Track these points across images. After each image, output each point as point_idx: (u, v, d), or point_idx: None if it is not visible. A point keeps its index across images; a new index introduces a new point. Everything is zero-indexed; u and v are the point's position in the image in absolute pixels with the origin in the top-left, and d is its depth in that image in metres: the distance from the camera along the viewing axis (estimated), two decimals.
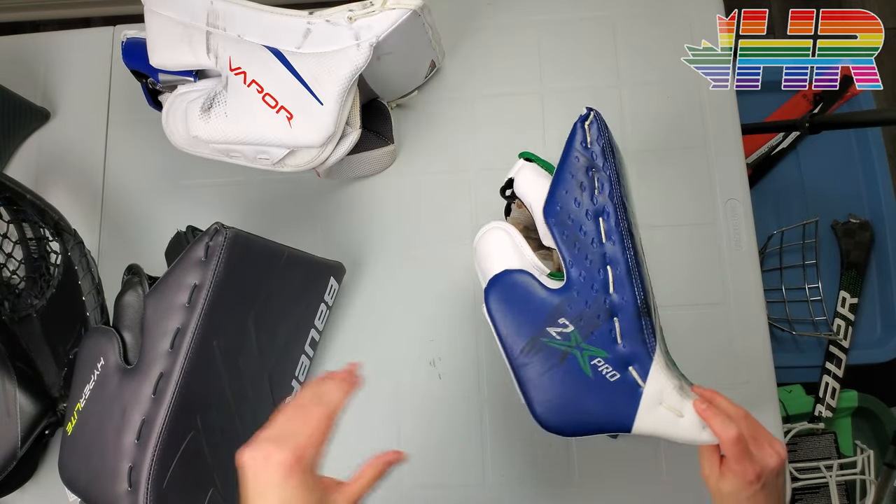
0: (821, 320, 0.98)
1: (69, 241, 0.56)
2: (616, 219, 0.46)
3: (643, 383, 0.44)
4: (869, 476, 0.95)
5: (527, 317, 0.46)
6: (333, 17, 0.54)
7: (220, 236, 0.50)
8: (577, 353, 0.45)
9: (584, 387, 0.45)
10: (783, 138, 1.07)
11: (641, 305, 0.45)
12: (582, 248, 0.46)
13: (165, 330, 0.50)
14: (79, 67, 0.74)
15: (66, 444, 0.51)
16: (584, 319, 0.45)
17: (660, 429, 0.44)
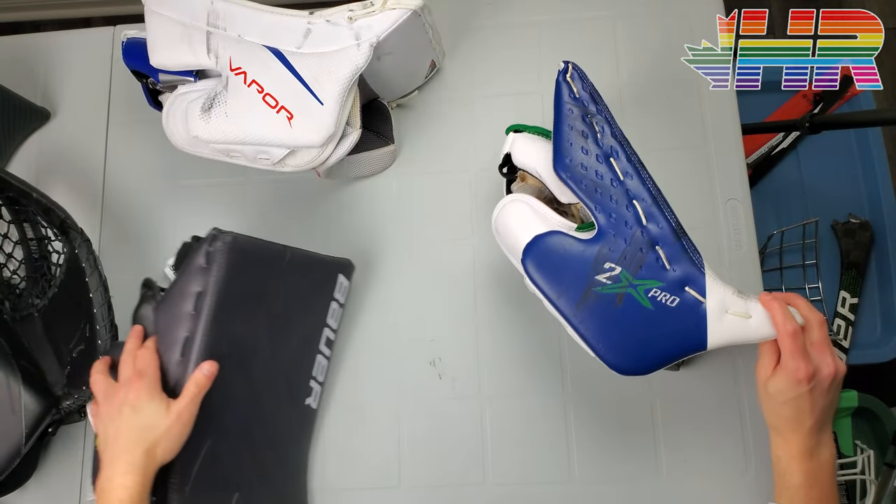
0: None
1: (76, 239, 0.56)
2: (626, 154, 0.47)
3: (704, 299, 0.45)
4: (869, 476, 0.95)
5: (572, 273, 0.47)
6: (334, 17, 0.54)
7: (218, 241, 0.50)
8: (632, 291, 0.46)
9: (649, 320, 0.45)
10: (783, 138, 1.08)
11: (677, 227, 0.46)
12: (604, 192, 0.47)
13: (175, 339, 0.50)
14: (79, 67, 0.74)
15: None
16: (629, 257, 0.46)
17: (733, 336, 0.45)
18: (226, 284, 0.50)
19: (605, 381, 0.61)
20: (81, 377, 0.56)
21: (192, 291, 0.50)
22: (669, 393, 0.61)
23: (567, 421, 0.61)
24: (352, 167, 0.66)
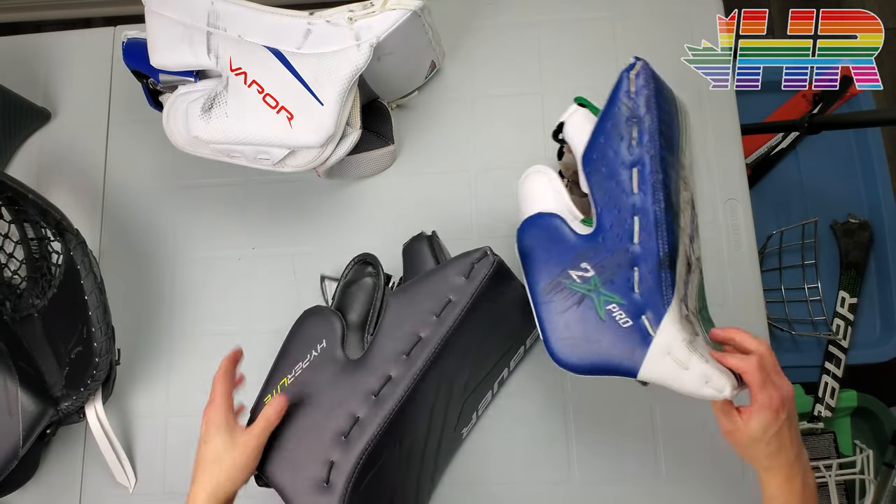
0: (820, 320, 0.98)
1: (71, 240, 0.56)
2: (650, 170, 0.46)
3: (654, 332, 0.45)
4: (868, 476, 0.95)
5: (553, 258, 0.48)
6: (334, 18, 0.54)
7: (487, 260, 0.50)
8: (593, 297, 0.47)
9: (598, 329, 0.46)
10: (783, 138, 1.08)
11: (664, 258, 0.45)
12: (612, 197, 0.47)
13: (406, 334, 0.49)
14: (80, 68, 0.74)
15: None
16: (606, 266, 0.47)
17: (665, 378, 0.45)
18: (476, 304, 0.49)
19: (605, 382, 0.61)
20: (80, 378, 0.56)
21: (443, 296, 0.49)
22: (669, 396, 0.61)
23: (567, 422, 0.61)
24: (352, 167, 0.66)
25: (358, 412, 0.48)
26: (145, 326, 0.67)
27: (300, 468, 0.47)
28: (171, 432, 0.64)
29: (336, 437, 0.47)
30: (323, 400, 0.49)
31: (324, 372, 0.49)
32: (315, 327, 0.51)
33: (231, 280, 0.67)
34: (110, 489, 0.63)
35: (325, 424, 0.48)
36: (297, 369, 0.50)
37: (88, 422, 0.60)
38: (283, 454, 0.48)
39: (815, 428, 0.97)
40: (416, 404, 0.49)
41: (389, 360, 0.49)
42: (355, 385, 0.48)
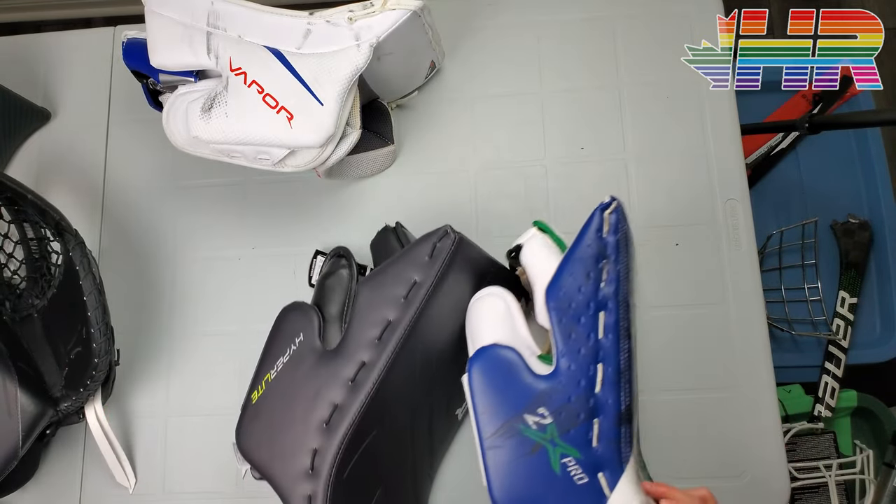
0: (820, 320, 0.98)
1: (70, 241, 0.56)
2: (617, 317, 0.44)
3: (609, 493, 0.43)
4: (868, 476, 0.95)
5: (507, 399, 0.45)
6: (333, 18, 0.54)
7: (448, 239, 0.50)
8: (549, 448, 0.44)
9: (550, 484, 0.43)
10: (783, 138, 1.08)
11: (625, 412, 0.44)
12: (577, 340, 0.45)
13: (376, 320, 0.49)
14: (80, 68, 0.74)
15: (249, 412, 0.51)
16: (565, 414, 0.44)
17: None
18: (442, 282, 0.49)
19: None
20: (79, 379, 0.56)
21: (408, 278, 0.49)
22: (670, 397, 0.61)
23: None
24: (352, 167, 0.66)
25: (336, 399, 0.48)
26: (145, 327, 0.67)
27: (287, 458, 0.48)
28: (170, 432, 0.64)
29: (318, 426, 0.48)
30: (304, 391, 0.49)
31: (303, 364, 0.50)
32: (293, 322, 0.52)
33: (231, 280, 0.67)
34: (110, 489, 0.63)
35: (307, 414, 0.49)
36: (279, 364, 0.51)
37: (88, 422, 0.60)
38: (271, 446, 0.49)
39: (815, 428, 0.97)
40: (394, 386, 0.49)
41: (363, 346, 0.49)
42: (333, 373, 0.49)
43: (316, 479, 0.47)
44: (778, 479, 0.59)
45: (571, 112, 0.68)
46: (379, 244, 0.58)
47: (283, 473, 0.48)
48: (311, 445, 0.48)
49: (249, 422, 0.51)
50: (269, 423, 0.50)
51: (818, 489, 0.97)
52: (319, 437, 0.48)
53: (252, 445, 0.50)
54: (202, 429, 0.64)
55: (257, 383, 0.52)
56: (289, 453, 0.48)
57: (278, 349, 0.52)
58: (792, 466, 0.95)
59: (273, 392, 0.50)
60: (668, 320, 0.63)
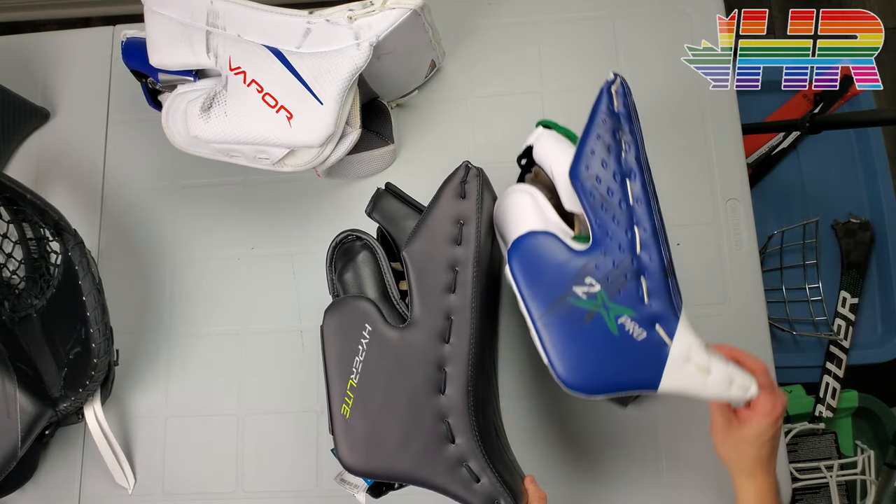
0: (821, 320, 0.98)
1: (69, 240, 0.56)
2: (643, 181, 0.46)
3: (670, 341, 0.44)
4: (869, 476, 0.95)
5: (552, 278, 0.46)
6: (333, 17, 0.54)
7: (473, 172, 0.51)
8: (603, 312, 0.45)
9: (610, 346, 0.45)
10: (783, 138, 1.07)
11: (668, 265, 0.45)
12: (609, 209, 0.46)
13: (442, 269, 0.48)
14: (79, 67, 0.74)
15: (346, 429, 0.47)
16: (612, 279, 0.45)
17: (687, 386, 0.44)
18: (482, 214, 0.49)
19: None
20: (78, 379, 0.56)
21: (455, 220, 0.49)
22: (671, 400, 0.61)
23: (571, 424, 0.61)
24: (352, 167, 0.66)
25: (441, 360, 0.47)
26: (144, 327, 0.67)
27: (420, 442, 0.46)
28: (169, 433, 0.64)
29: (435, 393, 0.46)
30: (404, 371, 0.47)
31: (387, 350, 0.48)
32: (348, 322, 0.49)
33: (230, 280, 0.67)
34: (109, 490, 0.63)
35: (418, 389, 0.47)
36: (356, 365, 0.48)
37: (87, 423, 0.60)
38: (400, 449, 0.46)
39: (816, 428, 0.97)
40: (480, 328, 0.49)
41: (441, 299, 0.48)
42: (423, 342, 0.47)
43: (462, 445, 0.45)
44: (779, 480, 0.59)
45: (571, 111, 0.68)
46: (383, 208, 0.56)
47: (424, 460, 0.46)
48: (439, 415, 0.46)
49: (353, 437, 0.47)
50: (377, 423, 0.47)
51: (819, 490, 0.96)
52: (442, 403, 0.46)
53: (370, 456, 0.47)
54: (202, 429, 0.64)
55: (340, 398, 0.48)
56: (421, 441, 0.46)
57: (347, 354, 0.48)
58: (793, 467, 0.95)
59: (367, 393, 0.47)
60: None
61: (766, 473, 0.46)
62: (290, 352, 0.65)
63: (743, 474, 0.46)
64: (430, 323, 0.48)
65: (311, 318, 0.65)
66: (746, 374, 0.44)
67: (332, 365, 0.49)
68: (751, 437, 0.44)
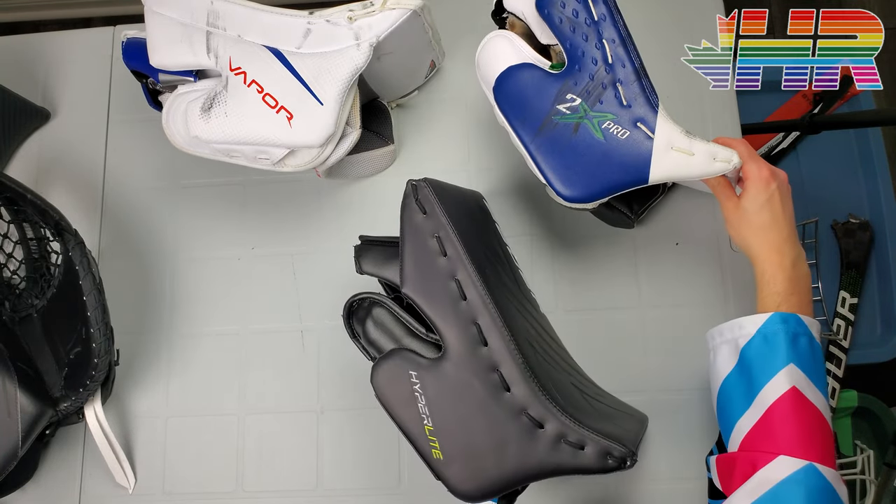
0: (821, 320, 0.97)
1: (70, 241, 0.56)
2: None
3: (652, 135, 0.48)
4: (869, 476, 0.95)
5: (536, 103, 0.51)
6: (333, 17, 0.54)
7: (422, 188, 0.51)
8: (587, 122, 0.50)
9: (600, 150, 0.49)
10: (783, 138, 1.08)
11: (640, 67, 0.49)
12: (578, 29, 0.50)
13: (445, 292, 0.49)
14: (79, 67, 0.74)
15: (446, 466, 0.48)
16: (590, 90, 0.50)
17: (674, 171, 0.48)
18: (451, 217, 0.50)
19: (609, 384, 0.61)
20: (79, 379, 0.56)
21: (430, 239, 0.50)
22: (671, 396, 0.61)
23: None
24: (352, 167, 0.66)
25: (493, 366, 0.47)
26: (144, 327, 0.67)
27: (520, 447, 0.47)
28: (170, 433, 0.64)
29: (500, 394, 0.47)
30: (464, 396, 0.48)
31: (439, 387, 0.49)
32: (393, 378, 0.50)
33: (231, 280, 0.67)
34: (110, 490, 0.63)
35: (486, 405, 0.47)
36: (423, 411, 0.49)
37: (87, 422, 0.60)
38: (500, 459, 0.47)
39: None
40: (509, 313, 0.49)
41: (460, 317, 0.48)
42: (465, 359, 0.48)
43: (551, 425, 0.46)
44: None
45: None
46: (368, 261, 0.57)
47: (525, 455, 0.46)
48: (516, 411, 0.47)
49: (457, 472, 0.48)
50: (469, 449, 0.48)
51: None
52: (513, 399, 0.47)
53: (480, 480, 0.47)
54: (202, 429, 0.64)
55: (428, 447, 0.49)
56: (509, 439, 0.47)
57: (410, 407, 0.49)
58: None
59: (445, 429, 0.48)
60: (668, 320, 0.63)
61: (778, 241, 0.47)
62: (290, 352, 0.65)
63: (753, 248, 0.48)
64: (461, 339, 0.48)
65: (311, 318, 0.65)
66: (727, 148, 0.47)
67: (404, 424, 0.49)
68: (748, 205, 0.48)
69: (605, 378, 0.59)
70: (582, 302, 0.64)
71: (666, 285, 0.63)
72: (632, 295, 0.63)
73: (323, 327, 0.65)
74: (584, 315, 0.63)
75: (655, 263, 0.64)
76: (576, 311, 0.63)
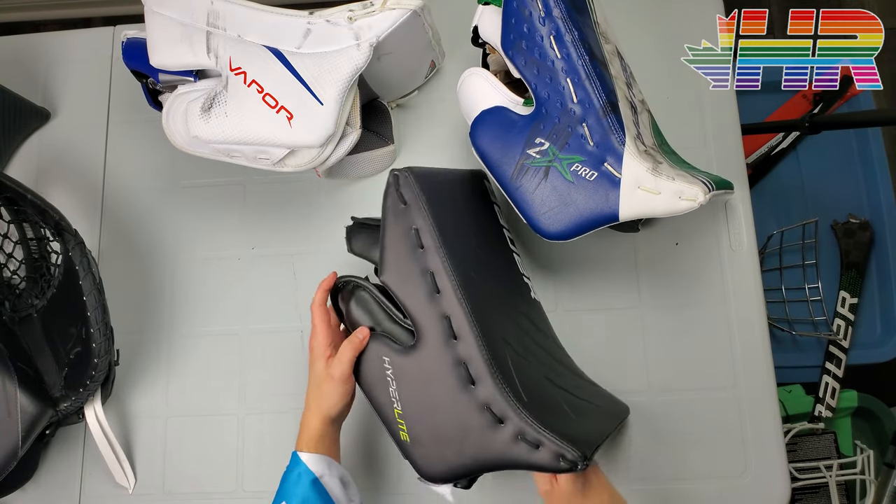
0: (821, 320, 0.98)
1: (70, 241, 0.56)
2: (564, 31, 0.49)
3: (619, 174, 0.49)
4: (869, 476, 0.95)
5: (509, 146, 0.52)
6: (333, 17, 0.54)
7: (403, 177, 0.51)
8: (557, 165, 0.50)
9: (570, 192, 0.50)
10: (783, 138, 1.08)
11: (605, 105, 0.49)
12: (541, 70, 0.50)
13: (420, 284, 0.50)
14: (79, 67, 0.74)
15: (412, 448, 0.50)
16: (557, 132, 0.50)
17: (642, 209, 0.49)
18: (433, 212, 0.50)
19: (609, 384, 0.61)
20: (79, 379, 0.56)
21: (408, 232, 0.50)
22: (671, 396, 0.61)
23: None
24: (352, 167, 0.66)
25: (460, 360, 0.49)
26: (144, 327, 0.67)
27: (481, 439, 0.48)
28: (170, 432, 0.64)
29: (465, 387, 0.49)
30: (433, 383, 0.50)
31: (409, 375, 0.51)
32: (370, 362, 0.52)
33: (231, 280, 0.67)
34: (109, 490, 0.63)
35: (453, 396, 0.49)
36: (393, 395, 0.51)
37: (87, 422, 0.60)
38: (463, 447, 0.49)
39: (815, 428, 0.97)
40: (481, 308, 0.50)
41: (432, 310, 0.50)
42: (435, 352, 0.50)
43: (510, 422, 0.47)
44: (778, 480, 0.59)
45: None
46: (358, 243, 0.58)
47: (485, 447, 0.48)
48: (479, 405, 0.48)
49: (422, 454, 0.50)
50: (434, 435, 0.50)
51: (819, 489, 0.96)
52: (477, 394, 0.48)
53: (442, 464, 0.50)
54: (202, 429, 0.64)
55: (396, 427, 0.51)
56: (471, 430, 0.48)
57: (381, 390, 0.51)
58: (792, 467, 0.95)
59: (413, 414, 0.50)
60: (668, 320, 0.63)
61: None
62: (290, 352, 0.65)
63: None
64: (433, 331, 0.50)
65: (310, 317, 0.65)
66: (694, 185, 0.47)
67: (375, 405, 0.52)
68: (568, 487, 0.48)
69: (605, 378, 0.59)
70: (582, 302, 0.64)
71: (666, 285, 0.63)
72: (632, 295, 0.63)
73: None
74: (584, 315, 0.63)
75: (655, 263, 0.64)
76: (576, 311, 0.63)
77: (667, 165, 0.49)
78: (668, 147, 0.56)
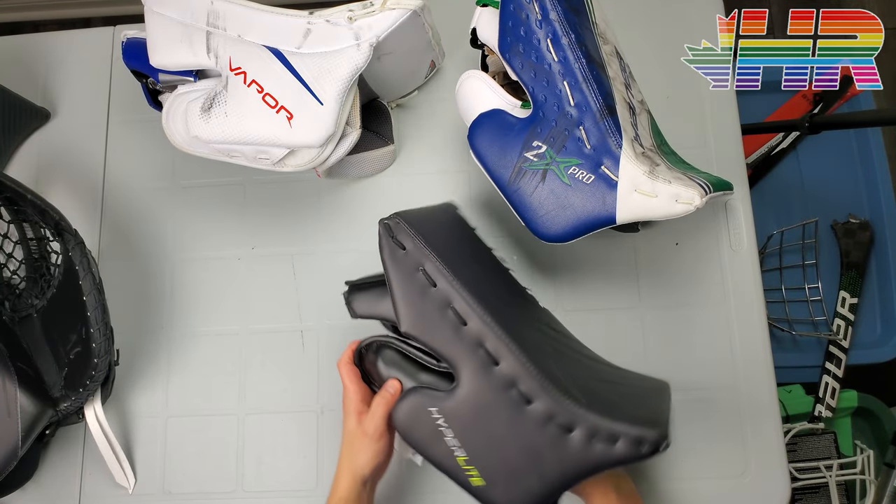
0: (821, 320, 0.98)
1: (70, 241, 0.56)
2: (561, 33, 0.49)
3: (616, 177, 0.49)
4: (869, 476, 0.95)
5: (507, 149, 0.52)
6: (333, 17, 0.54)
7: (396, 226, 0.50)
8: (554, 168, 0.50)
9: (568, 195, 0.50)
10: (783, 138, 1.08)
11: (602, 108, 0.49)
12: (538, 73, 0.50)
13: (443, 323, 0.48)
14: (79, 67, 0.74)
15: (495, 488, 0.47)
16: (554, 135, 0.50)
17: (639, 212, 0.49)
18: (431, 246, 0.49)
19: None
20: (79, 379, 0.56)
21: (415, 273, 0.49)
22: None
23: None
24: (352, 167, 0.66)
25: (509, 383, 0.47)
26: (144, 327, 0.67)
27: (555, 455, 0.46)
28: (170, 432, 0.64)
29: (524, 411, 0.47)
30: (488, 421, 0.48)
31: (462, 416, 0.48)
32: (414, 419, 0.49)
33: (231, 280, 0.67)
34: (109, 490, 0.63)
35: (511, 420, 0.47)
36: (452, 444, 0.49)
37: (87, 422, 0.60)
38: (539, 469, 0.47)
39: (815, 428, 0.97)
40: (509, 326, 0.49)
41: (465, 343, 0.48)
42: (480, 384, 0.48)
43: (582, 427, 0.45)
44: (778, 480, 0.59)
45: None
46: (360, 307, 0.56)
47: (561, 462, 0.46)
48: (541, 422, 0.46)
49: (500, 492, 0.48)
50: (506, 467, 0.48)
51: (819, 489, 0.97)
52: (536, 411, 0.46)
53: (525, 494, 0.47)
54: (202, 429, 0.64)
55: (465, 475, 0.48)
56: (541, 449, 0.46)
57: (438, 442, 0.49)
58: (792, 467, 0.95)
59: (478, 456, 0.48)
60: (668, 320, 0.63)
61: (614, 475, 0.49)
62: (290, 352, 0.65)
63: None
64: (471, 364, 0.48)
65: (311, 317, 0.65)
66: (691, 188, 0.47)
67: (435, 461, 0.49)
68: None
69: None
70: (582, 302, 0.64)
71: (666, 285, 0.63)
72: (632, 295, 0.63)
73: (323, 327, 0.65)
74: (584, 315, 0.63)
75: (655, 263, 0.64)
76: (576, 311, 0.63)
77: (664, 168, 0.49)
78: (667, 147, 0.56)
